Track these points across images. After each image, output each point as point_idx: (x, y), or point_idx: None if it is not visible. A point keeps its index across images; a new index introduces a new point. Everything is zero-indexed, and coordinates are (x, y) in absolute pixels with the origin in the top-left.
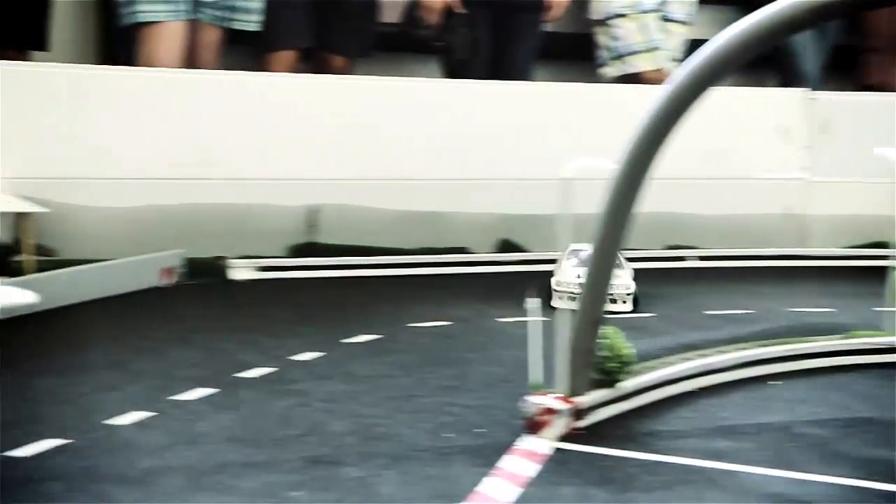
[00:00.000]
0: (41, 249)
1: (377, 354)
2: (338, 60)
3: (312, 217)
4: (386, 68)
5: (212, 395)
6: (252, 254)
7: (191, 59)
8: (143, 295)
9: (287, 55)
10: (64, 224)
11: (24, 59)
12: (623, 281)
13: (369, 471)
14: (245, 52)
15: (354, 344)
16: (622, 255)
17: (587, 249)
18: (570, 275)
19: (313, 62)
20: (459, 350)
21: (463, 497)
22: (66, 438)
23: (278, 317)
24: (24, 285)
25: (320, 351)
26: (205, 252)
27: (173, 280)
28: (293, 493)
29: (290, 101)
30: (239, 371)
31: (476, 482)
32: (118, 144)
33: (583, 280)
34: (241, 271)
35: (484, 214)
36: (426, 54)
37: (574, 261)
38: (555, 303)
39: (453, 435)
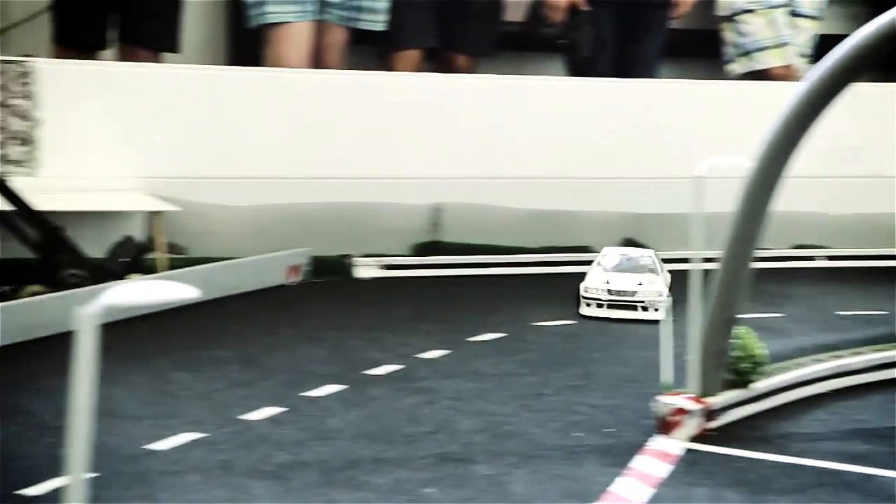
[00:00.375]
0: (173, 247)
1: (502, 353)
2: (462, 59)
3: (436, 216)
4: (510, 67)
5: (341, 392)
6: (376, 252)
7: (317, 59)
8: (270, 293)
9: (412, 55)
10: (194, 222)
11: (158, 60)
12: (656, 287)
13: (500, 469)
14: (370, 51)
15: (479, 342)
16: (658, 259)
17: (617, 255)
18: (598, 281)
19: (437, 61)
20: (585, 349)
21: (595, 497)
22: (202, 432)
23: (403, 315)
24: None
25: (446, 349)
26: (330, 250)
27: (299, 278)
28: (425, 490)
29: (415, 100)
30: (367, 368)
31: (608, 482)
32: (247, 144)
33: (611, 286)
34: (365, 269)
35: (608, 213)
36: (550, 53)
37: (603, 267)
38: (582, 310)
39: (582, 434)
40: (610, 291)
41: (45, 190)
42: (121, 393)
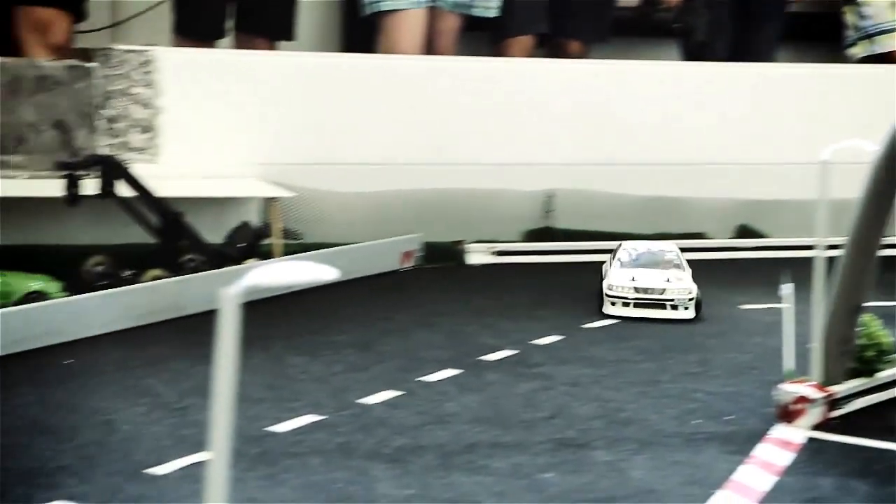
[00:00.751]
0: (288, 233)
1: (617, 339)
2: (574, 45)
3: (548, 202)
4: (623, 52)
5: (457, 377)
6: (488, 238)
7: (430, 46)
8: (383, 278)
9: (524, 41)
10: (309, 208)
11: (273, 49)
12: (685, 284)
13: (618, 455)
14: (483, 38)
15: (594, 329)
16: (680, 254)
17: (638, 249)
18: (623, 279)
19: (550, 47)
20: (701, 336)
21: (717, 484)
22: (321, 415)
23: (516, 301)
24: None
25: (560, 334)
26: (442, 236)
27: (412, 264)
28: (544, 475)
29: (527, 86)
30: (481, 354)
31: (730, 470)
32: (361, 130)
33: (638, 284)
34: (476, 255)
35: (721, 200)
36: (665, 37)
37: (621, 261)
38: (607, 309)
39: (701, 421)
40: (637, 289)
41: (164, 176)
42: (241, 375)
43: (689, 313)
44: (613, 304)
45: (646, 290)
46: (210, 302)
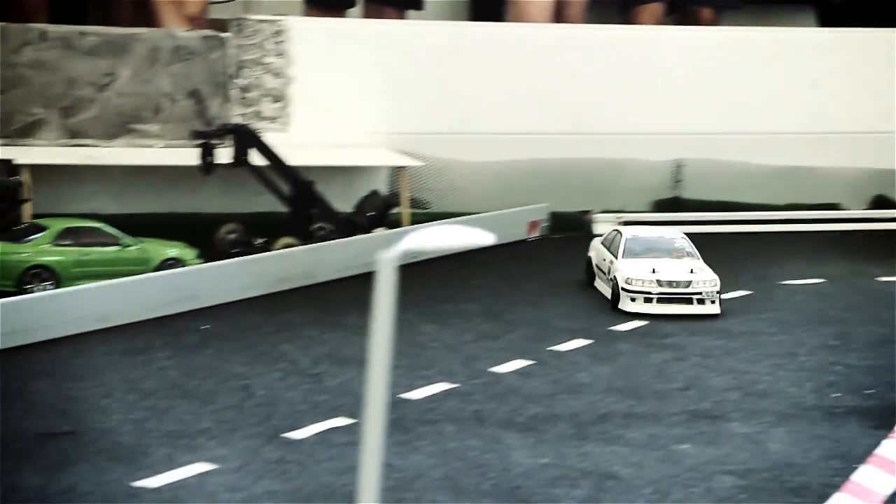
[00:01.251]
0: (415, 202)
1: (750, 311)
2: (705, 12)
3: (677, 172)
4: (755, 19)
5: (587, 347)
6: (615, 208)
7: (559, 15)
8: (511, 247)
9: (654, 8)
10: (437, 177)
11: (402, 18)
12: (708, 275)
13: (756, 427)
14: (612, 6)
15: (725, 300)
16: (688, 241)
17: (642, 235)
18: (642, 271)
19: (680, 15)
20: (837, 309)
21: (861, 459)
22: (453, 383)
23: None
24: (398, 237)
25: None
26: (569, 206)
27: (539, 233)
28: (680, 446)
29: (657, 54)
30: (611, 324)
31: (872, 444)
32: (490, 99)
33: (661, 276)
34: (603, 225)
35: (858, 169)
36: (799, 4)
37: (632, 251)
38: (625, 305)
39: (840, 395)
40: (660, 282)
41: (295, 145)
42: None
43: (716, 308)
44: (634, 299)
45: (671, 284)
46: (340, 270)
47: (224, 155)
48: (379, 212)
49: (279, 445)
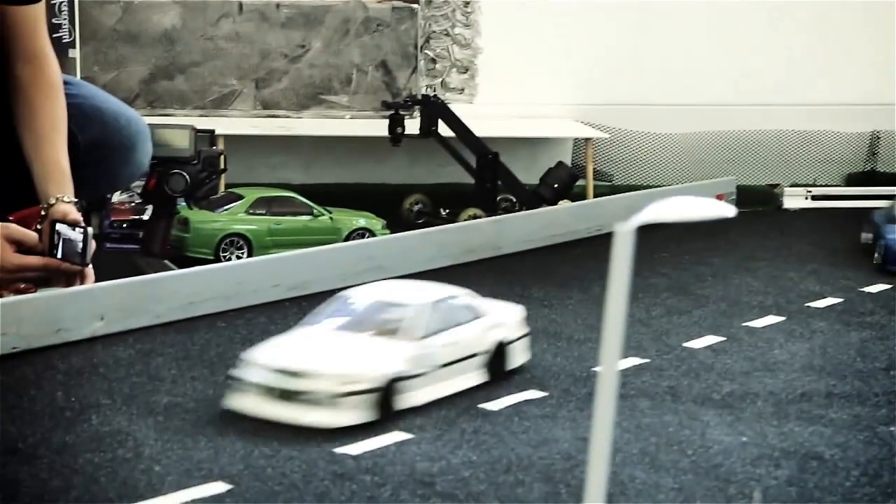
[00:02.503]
0: (599, 174)
1: None
2: None
3: (873, 144)
4: None
5: (781, 323)
6: (805, 182)
7: None
8: (695, 221)
9: None
10: (621, 149)
11: None
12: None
13: None
14: None
15: None
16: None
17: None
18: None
19: None
20: None
21: None
22: (644, 358)
23: (837, 247)
24: (584, 209)
25: (887, 283)
26: (756, 179)
27: None
28: (888, 428)
29: (851, 23)
30: (806, 300)
31: None
32: (676, 70)
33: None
34: (793, 200)
35: None
36: None
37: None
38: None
39: None
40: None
41: (481, 116)
42: (564, 316)
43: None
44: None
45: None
46: (525, 242)
47: (412, 126)
48: (564, 184)
49: (475, 416)
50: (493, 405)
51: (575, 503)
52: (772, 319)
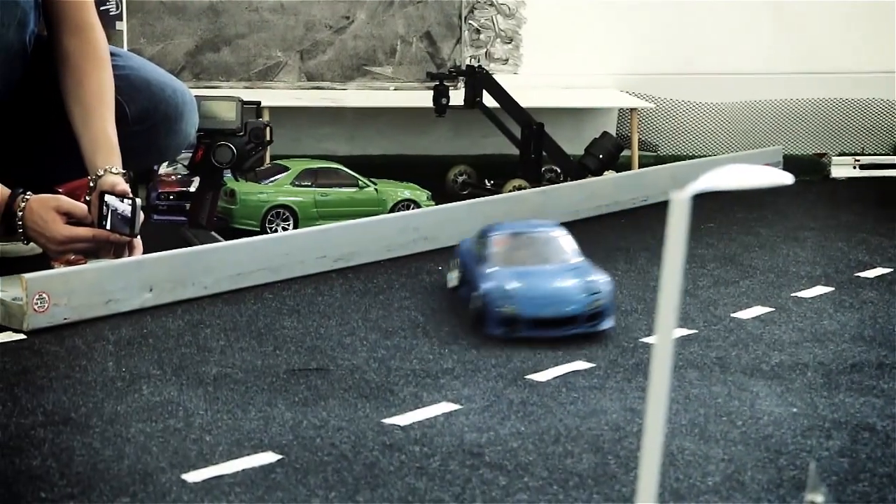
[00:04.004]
0: (644, 145)
1: None
2: None
3: None
4: None
5: (830, 294)
6: (853, 151)
7: None
8: (740, 191)
9: None
10: (665, 119)
11: None
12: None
13: None
14: None
15: None
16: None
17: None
18: None
19: None
20: None
21: None
22: (692, 329)
23: (886, 216)
24: (629, 180)
25: None
26: (803, 149)
27: None
28: None
29: None
30: (855, 271)
31: None
32: (720, 38)
33: None
34: (840, 169)
35: None
36: None
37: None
38: None
39: None
40: None
41: (526, 87)
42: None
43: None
44: None
45: None
46: (571, 213)
47: (457, 97)
48: (609, 154)
49: (522, 387)
50: (540, 376)
51: (624, 474)
52: (821, 290)
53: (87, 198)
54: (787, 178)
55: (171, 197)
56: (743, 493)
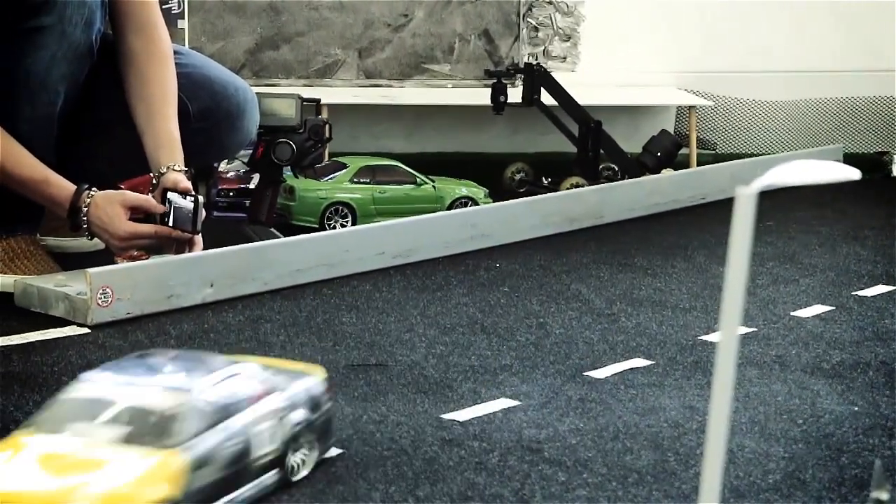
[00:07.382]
0: (702, 143)
1: None
2: None
3: None
4: None
5: (891, 292)
6: None
7: None
8: (798, 189)
9: None
10: (724, 118)
11: None
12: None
13: None
14: None
15: None
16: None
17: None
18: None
19: None
20: None
21: None
22: (751, 327)
23: None
24: (687, 178)
25: None
26: (864, 147)
27: None
28: None
29: None
30: None
31: None
32: (781, 35)
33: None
34: None
35: None
36: None
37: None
38: None
39: None
40: None
41: (583, 85)
42: (668, 284)
43: None
44: None
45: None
46: (628, 211)
47: (515, 94)
48: (667, 152)
49: (581, 384)
50: (599, 373)
51: (684, 470)
52: (882, 289)
53: (150, 195)
54: (853, 173)
55: (232, 194)
56: (804, 491)
